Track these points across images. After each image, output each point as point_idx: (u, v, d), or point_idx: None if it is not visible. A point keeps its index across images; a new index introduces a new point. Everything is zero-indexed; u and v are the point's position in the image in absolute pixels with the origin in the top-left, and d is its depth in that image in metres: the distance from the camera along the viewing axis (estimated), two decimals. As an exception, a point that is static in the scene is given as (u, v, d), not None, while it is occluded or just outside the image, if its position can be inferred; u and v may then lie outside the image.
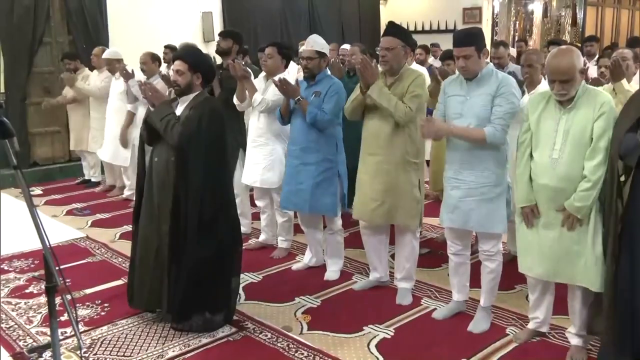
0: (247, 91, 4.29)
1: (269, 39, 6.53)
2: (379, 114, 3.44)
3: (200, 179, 3.05)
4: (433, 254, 4.45)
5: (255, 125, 4.34)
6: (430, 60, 7.87)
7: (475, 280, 3.42)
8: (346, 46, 5.88)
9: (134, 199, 3.43)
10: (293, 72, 5.59)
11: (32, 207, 2.02)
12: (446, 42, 8.99)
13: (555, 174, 2.73)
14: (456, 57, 3.10)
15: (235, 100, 4.36)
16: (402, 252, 3.66)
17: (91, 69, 6.75)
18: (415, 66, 5.78)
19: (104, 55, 6.17)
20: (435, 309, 3.50)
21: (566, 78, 2.68)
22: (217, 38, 5.14)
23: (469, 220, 3.14)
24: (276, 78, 4.22)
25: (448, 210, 3.21)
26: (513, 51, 8.20)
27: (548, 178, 2.76)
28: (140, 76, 5.86)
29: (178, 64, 3.19)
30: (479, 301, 3.35)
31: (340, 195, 3.89)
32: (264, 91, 4.26)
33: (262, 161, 4.30)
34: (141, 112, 5.64)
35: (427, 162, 5.49)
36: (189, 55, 3.25)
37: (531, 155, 2.84)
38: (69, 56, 6.84)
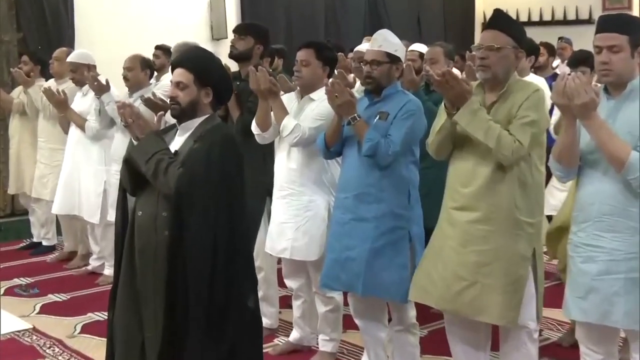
0: (273, 114, 4.36)
1: (308, 38, 6.65)
2: (473, 149, 3.45)
3: (208, 248, 3.08)
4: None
5: (285, 164, 4.37)
6: (556, 63, 7.78)
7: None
8: (418, 47, 5.93)
9: (111, 272, 3.46)
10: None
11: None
12: (577, 39, 9.01)
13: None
14: (597, 49, 3.11)
15: (254, 127, 4.43)
16: (511, 362, 3.60)
17: (47, 78, 6.98)
18: (531, 78, 5.77)
19: (70, 59, 6.32)
20: None
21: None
22: (231, 35, 5.27)
23: (612, 310, 3.07)
24: (315, 94, 4.29)
25: (577, 294, 3.16)
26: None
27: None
28: (118, 92, 6.01)
29: (179, 74, 3.26)
30: None
31: (412, 270, 3.86)
32: (298, 114, 4.32)
33: (293, 220, 4.32)
34: (120, 142, 5.74)
35: (549, 218, 5.40)
36: (195, 61, 3.31)
37: None
38: (31, 57, 7.11)
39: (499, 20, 3.53)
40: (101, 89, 5.83)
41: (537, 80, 5.48)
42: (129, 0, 8.72)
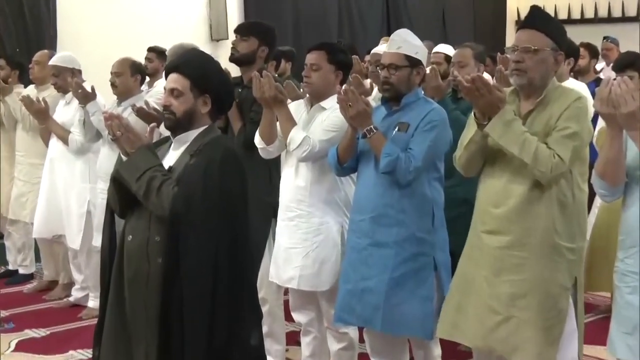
0: (279, 124, 4.37)
1: (319, 39, 6.67)
2: (506, 164, 3.45)
3: (207, 277, 3.09)
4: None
5: (292, 182, 4.38)
6: (600, 66, 7.75)
7: None
8: (443, 48, 5.93)
9: (96, 304, 3.44)
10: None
11: None
12: (623, 40, 8.94)
13: None
14: None
15: (258, 139, 4.44)
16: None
17: (26, 85, 7.02)
18: (571, 83, 5.76)
19: (52, 62, 6.33)
20: None
21: None
22: (232, 36, 5.30)
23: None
24: (327, 103, 4.30)
25: (624, 329, 3.15)
26: None
27: None
28: (105, 101, 6.03)
29: (174, 80, 3.28)
30: None
31: (438, 301, 3.88)
32: (307, 125, 4.33)
33: (302, 245, 4.32)
34: (106, 157, 5.75)
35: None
36: (191, 65, 3.33)
37: None
38: (9, 60, 7.13)
39: (537, 18, 3.53)
40: (86, 97, 5.80)
41: (578, 86, 5.49)
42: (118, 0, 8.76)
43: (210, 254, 3.10)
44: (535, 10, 3.57)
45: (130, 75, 5.81)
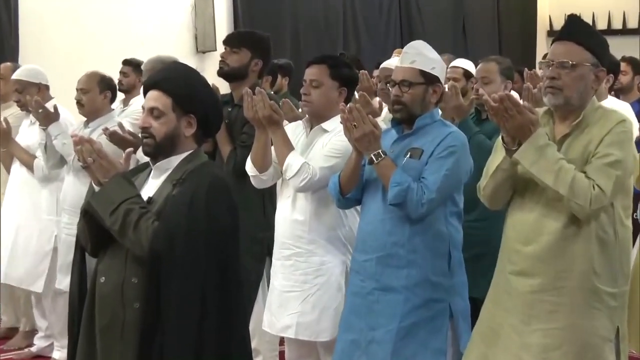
0: (274, 149, 4.38)
1: (320, 51, 6.67)
2: (538, 196, 3.45)
3: (192, 325, 3.08)
4: None
5: (289, 215, 4.38)
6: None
7: None
8: (461, 62, 5.95)
9: (62, 355, 3.43)
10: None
11: None
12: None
13: None
14: None
15: (250, 166, 4.45)
16: None
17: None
18: (612, 102, 5.75)
19: (15, 76, 6.33)
20: None
21: None
22: (220, 48, 5.31)
23: None
24: (329, 124, 4.32)
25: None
26: None
27: None
28: (72, 117, 6.04)
29: (153, 98, 3.29)
30: None
31: (453, 356, 3.89)
32: (306, 149, 4.35)
33: (300, 287, 4.33)
34: (71, 186, 5.76)
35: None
36: (173, 81, 3.34)
37: None
38: None
39: (575, 29, 3.53)
40: (47, 118, 5.74)
41: (620, 107, 5.48)
42: (88, 3, 8.76)
43: (196, 298, 3.10)
44: (573, 20, 3.57)
45: (98, 92, 5.77)
